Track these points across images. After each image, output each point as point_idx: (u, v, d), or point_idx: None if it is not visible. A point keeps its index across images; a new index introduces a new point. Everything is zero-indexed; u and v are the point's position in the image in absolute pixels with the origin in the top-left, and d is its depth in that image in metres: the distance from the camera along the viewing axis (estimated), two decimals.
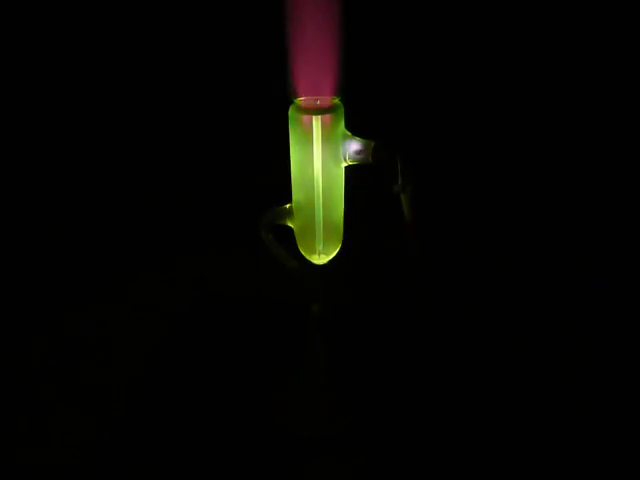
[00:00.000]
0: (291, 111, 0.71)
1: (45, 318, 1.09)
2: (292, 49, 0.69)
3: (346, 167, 0.75)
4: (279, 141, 0.76)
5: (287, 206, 0.79)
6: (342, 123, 0.72)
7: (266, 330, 1.00)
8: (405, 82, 1.51)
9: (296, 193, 0.77)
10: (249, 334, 1.01)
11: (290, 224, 0.80)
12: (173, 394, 0.91)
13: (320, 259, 0.80)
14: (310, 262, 0.81)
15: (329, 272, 0.81)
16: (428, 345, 0.94)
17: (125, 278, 1.22)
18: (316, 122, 0.70)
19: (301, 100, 0.71)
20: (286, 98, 0.71)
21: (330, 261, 0.80)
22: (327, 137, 0.71)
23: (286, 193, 0.78)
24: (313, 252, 0.80)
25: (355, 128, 0.73)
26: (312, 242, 0.79)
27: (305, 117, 0.70)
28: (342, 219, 0.79)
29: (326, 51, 0.70)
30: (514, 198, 1.38)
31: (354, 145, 0.72)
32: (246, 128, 1.52)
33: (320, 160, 0.72)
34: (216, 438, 0.83)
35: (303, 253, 0.80)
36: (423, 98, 1.50)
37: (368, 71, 1.26)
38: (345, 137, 0.73)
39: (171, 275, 1.22)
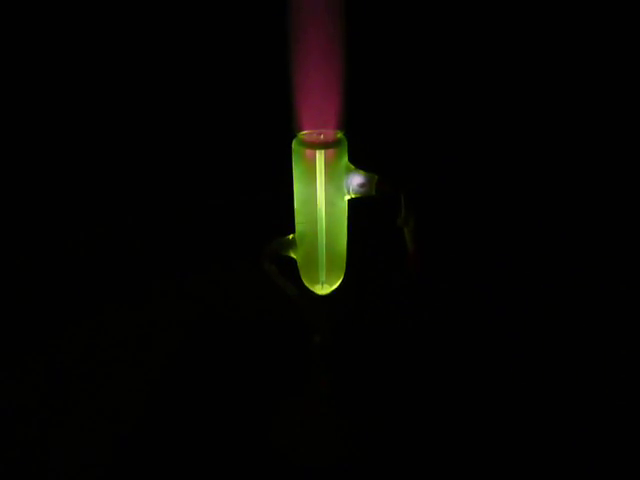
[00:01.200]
0: (295, 145, 0.71)
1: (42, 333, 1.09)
2: (296, 83, 0.70)
3: (349, 199, 0.75)
4: (282, 169, 0.76)
5: (290, 237, 0.79)
6: (345, 156, 0.73)
7: (267, 356, 0.99)
8: (408, 116, 1.53)
9: (299, 224, 0.77)
10: (249, 359, 1.00)
11: (293, 255, 0.80)
12: (170, 419, 0.90)
13: (323, 289, 0.80)
14: (313, 292, 0.80)
15: (332, 302, 0.81)
16: (430, 375, 0.94)
17: (119, 297, 1.23)
18: (319, 156, 0.70)
19: (304, 134, 0.71)
20: (290, 131, 0.71)
21: (333, 291, 0.80)
22: (330, 171, 0.71)
23: (289, 223, 0.78)
24: (316, 283, 0.80)
25: (358, 161, 0.73)
26: (315, 273, 0.79)
27: (308, 151, 0.70)
28: (345, 250, 0.79)
29: (329, 85, 0.70)
30: (514, 230, 1.37)
31: (357, 178, 0.73)
32: (251, 157, 1.52)
33: (323, 193, 0.72)
34: (213, 464, 0.82)
35: (306, 283, 0.80)
36: (425, 132, 1.52)
37: (372, 105, 1.27)
38: (348, 170, 0.73)
39: (171, 296, 1.22)
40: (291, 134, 0.72)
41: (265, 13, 1.05)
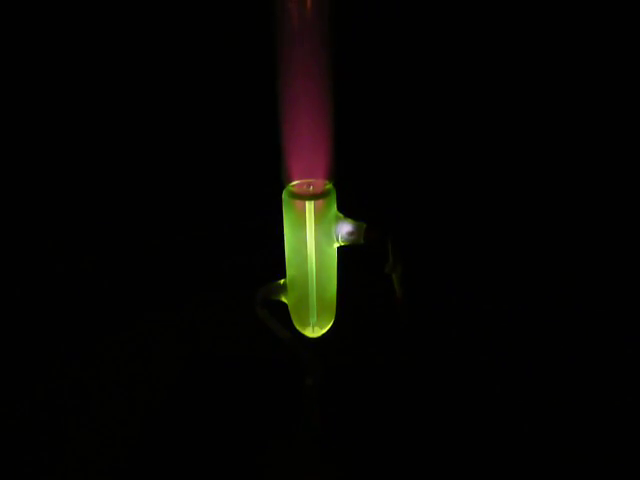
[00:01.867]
0: (285, 196, 0.73)
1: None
2: (285, 136, 0.72)
3: (339, 246, 0.77)
4: (273, 216, 0.78)
5: (281, 282, 0.81)
6: (334, 206, 0.75)
7: (258, 398, 1.00)
8: (395, 166, 1.57)
9: (290, 270, 0.79)
10: (240, 402, 1.00)
11: (284, 299, 0.81)
12: (160, 457, 0.90)
13: (314, 333, 0.81)
14: (304, 336, 0.82)
15: (323, 345, 0.82)
16: (423, 416, 0.95)
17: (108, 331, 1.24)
18: (309, 207, 0.72)
19: (294, 184, 0.73)
20: (280, 181, 0.74)
21: (324, 334, 0.81)
22: (320, 220, 0.73)
23: (280, 268, 0.79)
24: (307, 326, 0.81)
25: (347, 209, 0.75)
26: (306, 317, 0.80)
27: (298, 202, 0.72)
28: (335, 296, 0.80)
29: (318, 137, 0.73)
30: (500, 277, 1.39)
31: (346, 227, 0.75)
32: (242, 205, 1.55)
33: (313, 241, 0.74)
34: None
35: (297, 327, 0.81)
36: (412, 180, 1.56)
37: (360, 155, 1.31)
38: (338, 219, 0.75)
39: (165, 332, 1.23)
40: (281, 184, 0.74)
41: (255, 65, 1.08)
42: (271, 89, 0.71)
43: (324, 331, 0.81)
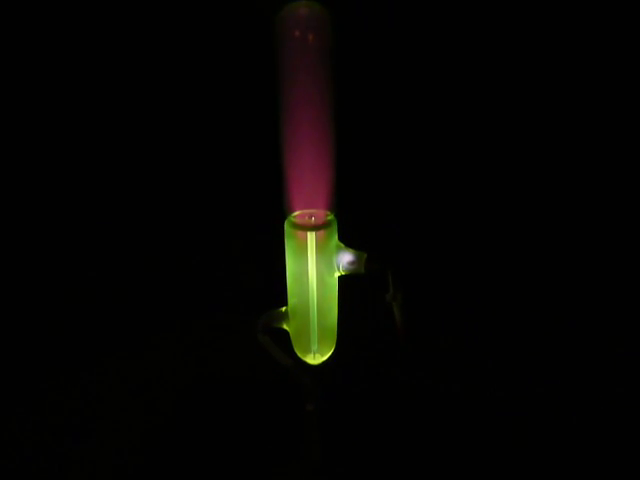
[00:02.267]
0: (287, 226, 0.74)
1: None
2: (287, 168, 0.73)
3: (339, 275, 0.78)
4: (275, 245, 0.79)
5: (282, 309, 0.82)
6: (335, 236, 0.76)
7: (260, 424, 1.00)
8: (395, 197, 1.58)
9: (291, 298, 0.80)
10: (242, 427, 1.00)
11: (286, 327, 0.82)
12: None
13: (315, 359, 0.82)
14: (306, 362, 0.82)
15: (324, 372, 0.82)
16: (423, 443, 0.95)
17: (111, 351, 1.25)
18: (311, 237, 0.73)
19: (296, 215, 0.75)
20: (282, 210, 0.75)
21: (325, 361, 0.82)
22: (321, 250, 0.74)
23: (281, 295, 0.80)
24: (308, 353, 0.82)
25: (348, 239, 0.76)
26: (307, 344, 0.81)
27: (300, 233, 0.73)
28: (336, 323, 0.81)
29: (319, 169, 0.74)
30: (500, 305, 1.39)
31: (347, 256, 0.76)
32: (244, 234, 1.56)
33: (314, 271, 0.75)
34: None
35: (298, 354, 0.82)
36: (413, 212, 1.57)
37: (361, 185, 1.32)
38: (339, 249, 0.76)
39: (167, 354, 1.24)
40: (283, 213, 0.75)
41: (258, 97, 1.09)
42: (274, 121, 0.72)
43: (325, 358, 0.82)
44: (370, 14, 1.44)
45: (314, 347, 0.81)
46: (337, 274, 0.77)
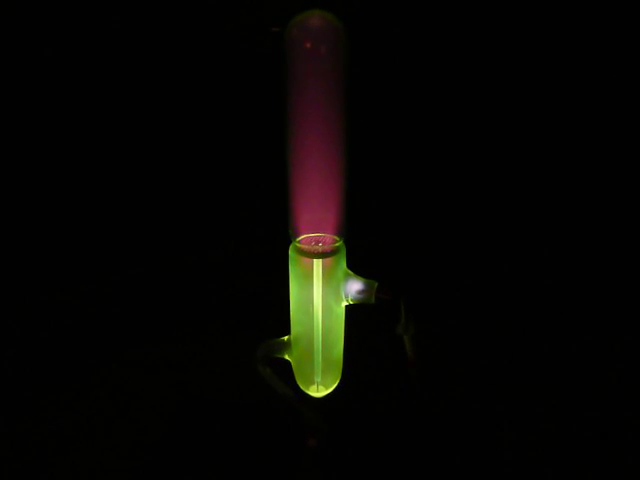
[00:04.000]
0: (291, 252, 0.69)
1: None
2: (294, 190, 0.68)
3: (347, 306, 0.72)
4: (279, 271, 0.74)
5: (285, 338, 0.76)
6: (344, 263, 0.70)
7: (259, 458, 0.94)
8: (408, 222, 1.50)
9: (295, 328, 0.74)
10: (241, 461, 0.95)
11: (287, 357, 0.77)
12: None
13: (319, 392, 0.77)
14: (308, 395, 0.77)
15: (328, 405, 0.77)
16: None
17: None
18: (317, 265, 0.68)
19: (302, 240, 0.69)
20: (287, 234, 0.69)
21: (329, 394, 0.77)
22: (328, 279, 0.69)
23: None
24: (311, 385, 0.77)
25: (357, 267, 0.71)
26: (310, 375, 0.76)
27: (306, 260, 0.68)
28: (341, 356, 0.75)
29: (327, 191, 0.69)
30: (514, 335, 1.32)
31: (356, 285, 0.70)
32: (247, 258, 1.49)
33: (321, 300, 0.70)
34: None
35: (301, 386, 0.77)
36: (426, 238, 1.49)
37: (372, 211, 1.27)
38: (347, 277, 0.70)
39: (165, 379, 1.18)
40: (288, 239, 0.69)
41: (263, 121, 1.05)
42: (280, 139, 0.67)
43: (329, 391, 0.76)
44: (386, 24, 1.39)
45: (318, 379, 0.76)
46: (345, 303, 0.72)
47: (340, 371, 0.76)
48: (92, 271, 1.58)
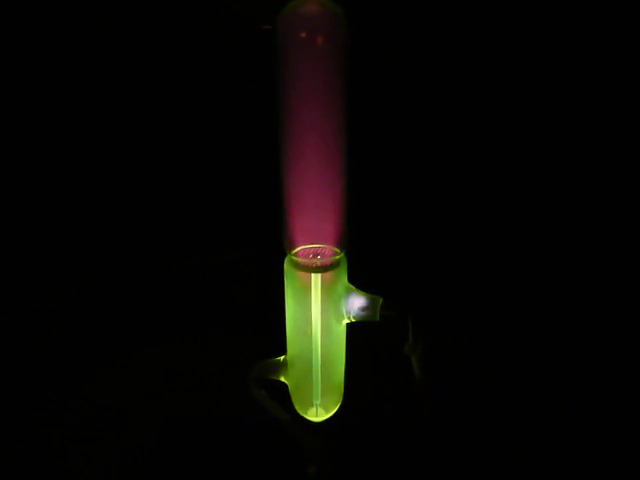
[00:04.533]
0: (287, 266, 0.63)
1: None
2: (289, 195, 0.61)
3: (349, 323, 0.66)
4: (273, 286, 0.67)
5: (280, 359, 0.70)
6: (345, 277, 0.64)
7: None
8: (416, 230, 1.38)
9: (292, 348, 0.68)
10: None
11: (284, 379, 0.70)
12: None
13: (318, 416, 0.70)
14: (307, 420, 0.70)
15: (328, 430, 0.71)
16: None
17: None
18: (315, 279, 0.61)
19: (298, 252, 0.62)
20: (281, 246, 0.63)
21: (329, 419, 0.70)
22: (328, 294, 0.62)
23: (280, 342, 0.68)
24: (310, 408, 0.70)
25: (360, 281, 0.64)
26: (309, 399, 0.69)
27: (302, 275, 0.61)
28: (342, 378, 0.69)
29: (327, 197, 0.62)
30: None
31: (359, 301, 0.64)
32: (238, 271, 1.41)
33: (319, 317, 0.63)
34: None
35: (298, 410, 0.70)
36: (435, 249, 1.37)
37: (376, 219, 1.17)
38: (349, 292, 0.64)
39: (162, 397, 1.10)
40: (282, 251, 0.63)
41: (254, 119, 0.97)
42: (272, 138, 0.60)
43: (329, 415, 0.70)
44: (393, 10, 1.31)
45: (317, 401, 0.69)
46: (346, 321, 0.65)
47: (341, 394, 0.70)
48: (75, 273, 1.51)
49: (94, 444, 0.98)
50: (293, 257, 0.62)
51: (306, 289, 0.62)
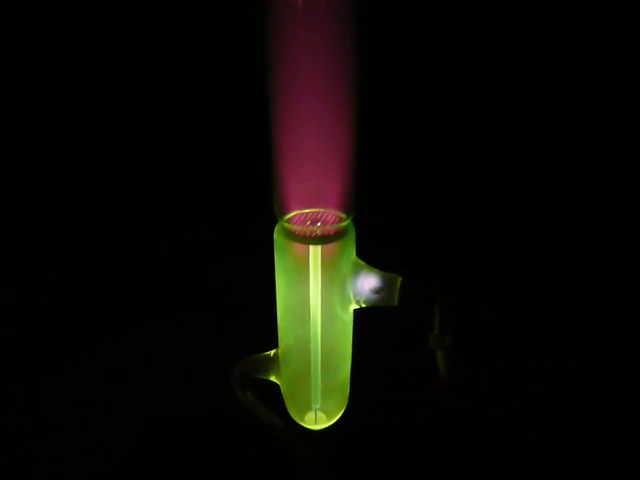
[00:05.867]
0: (277, 235, 0.49)
1: None
2: (281, 148, 0.47)
3: (357, 309, 0.52)
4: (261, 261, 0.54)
5: (270, 353, 0.57)
6: (353, 251, 0.50)
7: None
8: (440, 193, 1.14)
9: (284, 339, 0.55)
10: None
11: (275, 379, 0.57)
12: None
13: (317, 423, 0.57)
14: (304, 427, 0.58)
15: (328, 439, 0.58)
16: None
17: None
18: (314, 252, 0.48)
19: (292, 218, 0.49)
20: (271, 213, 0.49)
21: (331, 427, 0.57)
22: (330, 272, 0.49)
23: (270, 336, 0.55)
24: (307, 413, 0.57)
25: (372, 256, 0.50)
26: (306, 402, 0.56)
27: (298, 246, 0.47)
28: (348, 376, 0.56)
29: (329, 149, 0.48)
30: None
31: (371, 281, 0.50)
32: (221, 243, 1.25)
33: (319, 301, 0.50)
34: None
35: (293, 416, 0.57)
36: (467, 214, 1.16)
37: (392, 178, 0.97)
38: (357, 269, 0.50)
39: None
40: (273, 217, 0.49)
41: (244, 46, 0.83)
42: (259, 79, 0.46)
43: (331, 422, 0.57)
44: None
45: (316, 405, 0.57)
46: (354, 307, 0.52)
47: (346, 396, 0.58)
48: (55, 257, 1.39)
49: (74, 435, 0.88)
50: (286, 224, 0.48)
51: (303, 265, 0.48)
